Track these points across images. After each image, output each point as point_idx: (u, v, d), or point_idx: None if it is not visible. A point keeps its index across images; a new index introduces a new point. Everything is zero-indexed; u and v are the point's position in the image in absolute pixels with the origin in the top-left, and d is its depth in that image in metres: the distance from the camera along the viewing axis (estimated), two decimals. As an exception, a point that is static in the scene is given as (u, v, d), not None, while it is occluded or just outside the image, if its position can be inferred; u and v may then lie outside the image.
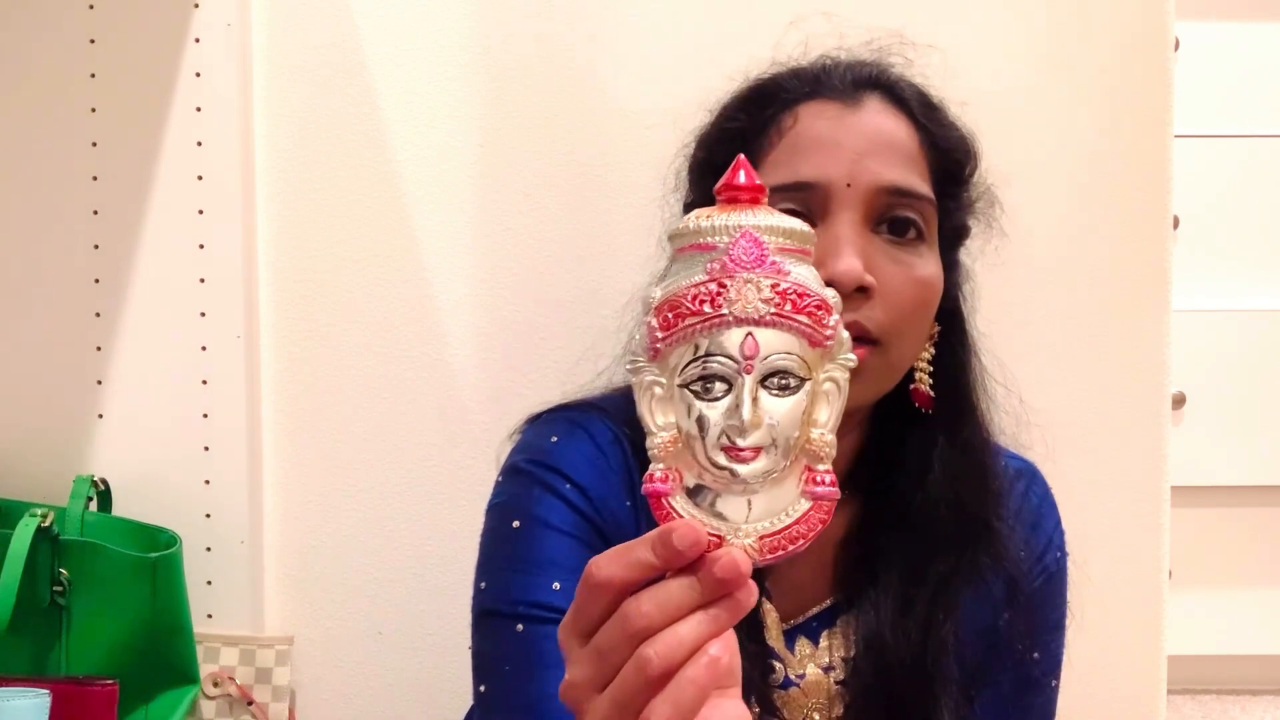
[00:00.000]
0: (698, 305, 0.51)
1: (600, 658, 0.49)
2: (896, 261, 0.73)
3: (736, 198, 0.53)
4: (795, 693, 0.79)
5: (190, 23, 1.12)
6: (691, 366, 0.51)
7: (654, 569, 0.49)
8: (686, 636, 0.48)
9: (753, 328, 0.51)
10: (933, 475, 0.79)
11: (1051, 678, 0.85)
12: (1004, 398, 0.86)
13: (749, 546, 0.51)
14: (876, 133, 0.74)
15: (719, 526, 0.52)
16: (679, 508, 0.52)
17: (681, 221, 0.53)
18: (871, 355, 0.72)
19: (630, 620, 0.48)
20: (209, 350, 1.14)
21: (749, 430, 0.50)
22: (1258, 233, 2.42)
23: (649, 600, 0.48)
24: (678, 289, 0.52)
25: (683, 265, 0.53)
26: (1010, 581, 0.81)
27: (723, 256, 0.51)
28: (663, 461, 0.52)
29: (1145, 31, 1.13)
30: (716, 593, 0.49)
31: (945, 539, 0.78)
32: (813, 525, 0.52)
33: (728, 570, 0.48)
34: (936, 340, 0.80)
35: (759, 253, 0.51)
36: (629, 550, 0.50)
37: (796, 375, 0.51)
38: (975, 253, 0.86)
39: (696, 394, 0.51)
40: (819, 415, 0.52)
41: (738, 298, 0.51)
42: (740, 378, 0.51)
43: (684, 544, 0.48)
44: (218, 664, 1.14)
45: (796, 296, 0.52)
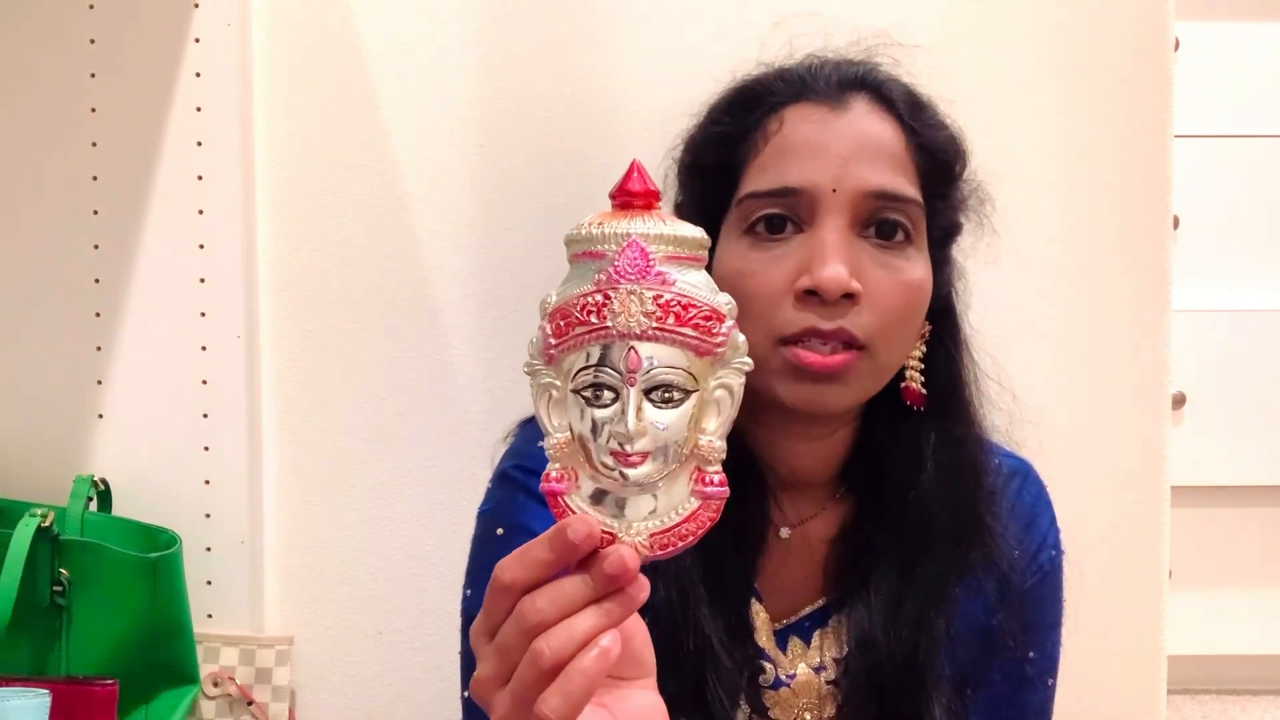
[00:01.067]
0: (584, 315, 0.52)
1: (501, 654, 0.51)
2: (884, 266, 0.73)
3: (630, 203, 0.54)
4: (786, 693, 0.79)
5: (190, 23, 1.12)
6: (583, 374, 0.53)
7: (552, 565, 0.51)
8: (578, 630, 0.50)
9: (635, 341, 0.52)
10: (925, 473, 0.79)
11: (1048, 677, 0.85)
12: (998, 394, 0.85)
13: (639, 543, 0.53)
14: (862, 136, 0.74)
15: (612, 524, 0.54)
16: (574, 505, 0.54)
17: (575, 226, 0.54)
18: (859, 360, 0.72)
19: (526, 616, 0.50)
20: (209, 350, 1.14)
21: (634, 438, 0.52)
22: (1258, 233, 2.42)
23: (544, 597, 0.51)
24: (567, 298, 0.53)
25: (576, 272, 0.54)
26: (1003, 579, 0.81)
27: (609, 267, 0.52)
28: (558, 461, 0.54)
29: (1145, 31, 1.13)
30: (608, 588, 0.51)
31: (937, 536, 0.78)
32: (701, 523, 0.54)
33: (616, 567, 0.51)
34: (928, 338, 0.80)
35: (643, 264, 0.52)
36: (528, 550, 0.52)
37: (680, 388, 0.53)
38: (967, 250, 0.85)
39: (587, 400, 0.53)
40: (707, 423, 0.54)
41: (620, 310, 0.52)
42: (625, 389, 0.52)
43: (577, 537, 0.51)
44: (218, 664, 1.14)
45: (680, 309, 0.52)
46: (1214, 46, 2.35)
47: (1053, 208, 1.14)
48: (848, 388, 0.72)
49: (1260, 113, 2.40)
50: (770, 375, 0.72)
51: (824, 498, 0.82)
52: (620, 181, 0.55)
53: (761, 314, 0.71)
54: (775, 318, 0.71)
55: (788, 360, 0.71)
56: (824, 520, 0.82)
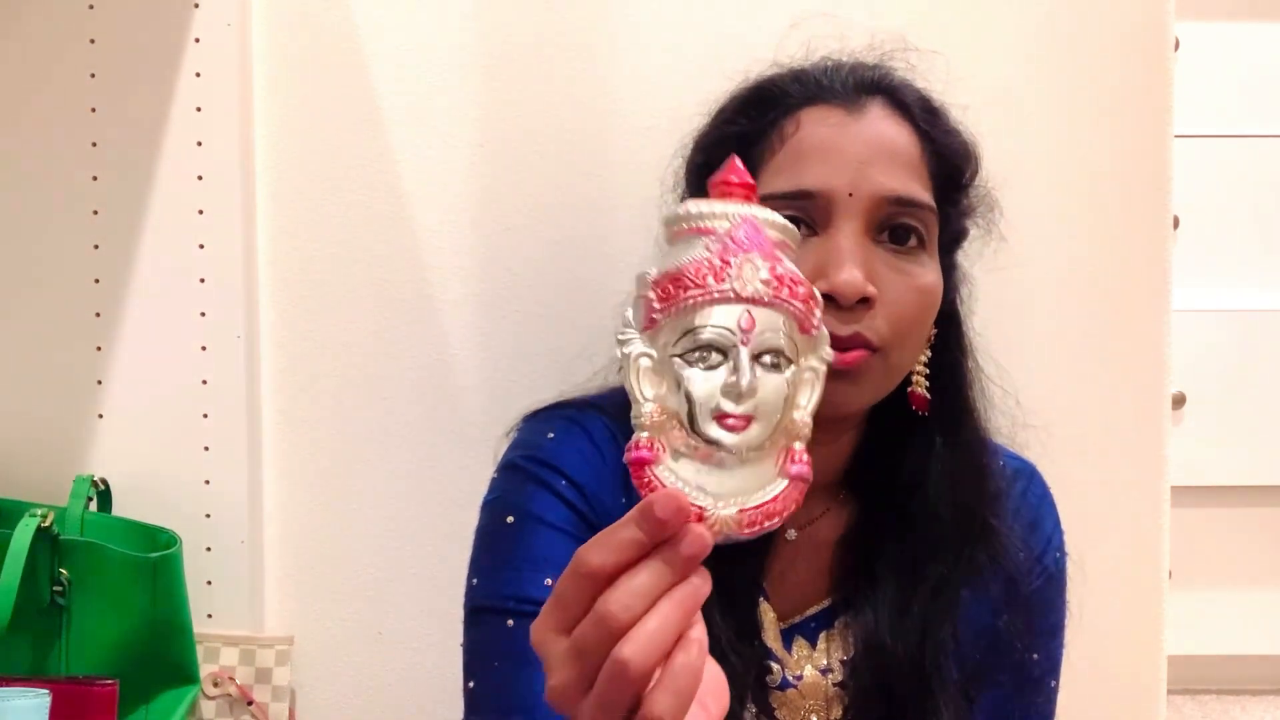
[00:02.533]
0: (700, 278, 0.52)
1: (583, 658, 0.48)
2: (898, 271, 0.73)
3: (731, 192, 0.55)
4: (793, 694, 0.79)
5: (190, 23, 1.12)
6: (686, 338, 0.52)
7: (642, 545, 0.48)
8: (660, 632, 0.47)
9: (751, 306, 0.52)
10: (930, 477, 0.79)
11: (1051, 678, 0.85)
12: (1001, 399, 0.86)
13: (728, 518, 0.52)
14: (879, 140, 0.74)
15: (700, 498, 0.52)
16: (661, 476, 0.52)
17: (680, 207, 0.54)
18: (872, 359, 0.72)
19: (614, 616, 0.47)
20: (209, 350, 1.14)
21: (746, 396, 0.52)
22: (1258, 233, 2.42)
23: (625, 592, 0.48)
24: (680, 264, 0.53)
25: (680, 247, 0.54)
26: (1009, 582, 0.80)
27: (725, 238, 0.53)
28: (648, 430, 0.52)
29: (1145, 31, 1.13)
30: (686, 571, 0.49)
31: (943, 540, 0.78)
32: (788, 504, 0.53)
33: (695, 546, 0.48)
34: (933, 343, 0.80)
35: (759, 237, 0.53)
36: (614, 533, 0.49)
37: (786, 355, 0.53)
38: (974, 256, 0.85)
39: (690, 364, 0.52)
40: (801, 398, 0.55)
41: (739, 275, 0.52)
42: (737, 349, 0.52)
43: (666, 512, 0.48)
44: (218, 664, 1.14)
45: (792, 283, 0.54)
46: (1214, 46, 2.36)
47: (1052, 208, 1.14)
48: (862, 388, 0.72)
49: (1260, 113, 2.40)
50: None
51: (829, 499, 0.82)
52: (721, 172, 0.55)
53: None
54: None
55: None
56: (830, 522, 0.82)
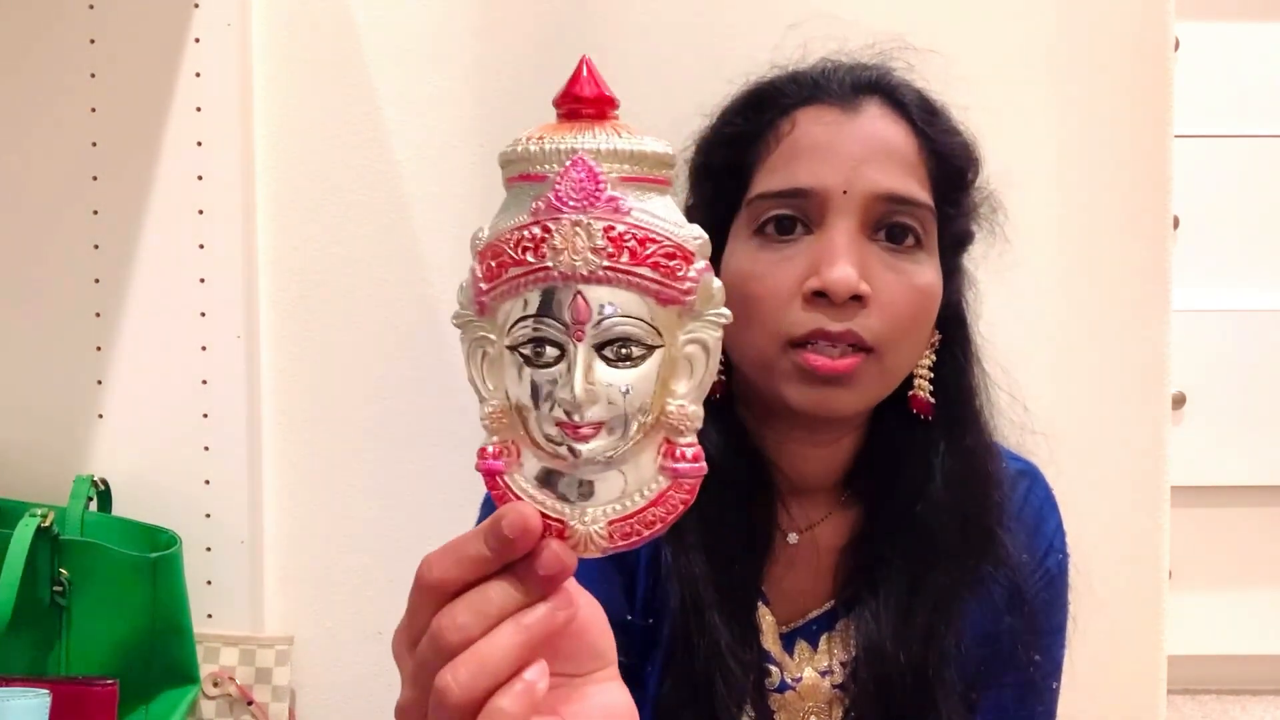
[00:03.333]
0: (520, 253, 0.43)
1: (419, 678, 0.44)
2: (893, 269, 0.72)
3: (577, 111, 0.44)
4: (791, 696, 0.79)
5: (190, 23, 1.12)
6: (520, 326, 0.43)
7: (487, 562, 0.43)
8: (492, 658, 0.42)
9: (583, 285, 0.42)
10: (934, 483, 0.78)
11: (1052, 680, 0.85)
12: (1008, 405, 0.85)
13: (596, 532, 0.44)
14: (875, 139, 0.73)
15: (561, 510, 0.44)
16: (515, 487, 0.45)
17: (512, 142, 0.44)
18: (867, 363, 0.71)
19: (443, 634, 0.42)
20: (209, 350, 1.14)
21: (583, 405, 0.43)
22: (1258, 233, 2.42)
23: (464, 608, 0.42)
24: (501, 231, 0.43)
25: (512, 200, 0.44)
26: (1012, 586, 0.80)
27: (549, 192, 0.42)
28: (495, 434, 0.45)
29: (1145, 31, 1.13)
30: (540, 592, 0.43)
31: (947, 547, 0.78)
32: (672, 506, 0.44)
33: (550, 566, 0.43)
34: (938, 347, 0.80)
35: (592, 187, 0.42)
36: (461, 545, 0.44)
37: (641, 343, 0.43)
38: (979, 259, 0.85)
39: (526, 359, 0.43)
40: (677, 385, 0.44)
41: (564, 245, 0.42)
42: (571, 345, 0.43)
43: (514, 531, 0.42)
44: (218, 664, 1.14)
45: (636, 244, 0.42)
46: (1214, 46, 2.35)
47: (1053, 208, 1.14)
48: (855, 392, 0.72)
49: (1260, 113, 2.40)
50: (778, 378, 0.72)
51: (831, 502, 0.82)
52: (566, 85, 0.44)
53: (770, 315, 0.71)
54: (783, 319, 0.71)
55: (796, 363, 0.71)
56: (831, 525, 0.82)
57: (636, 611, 0.78)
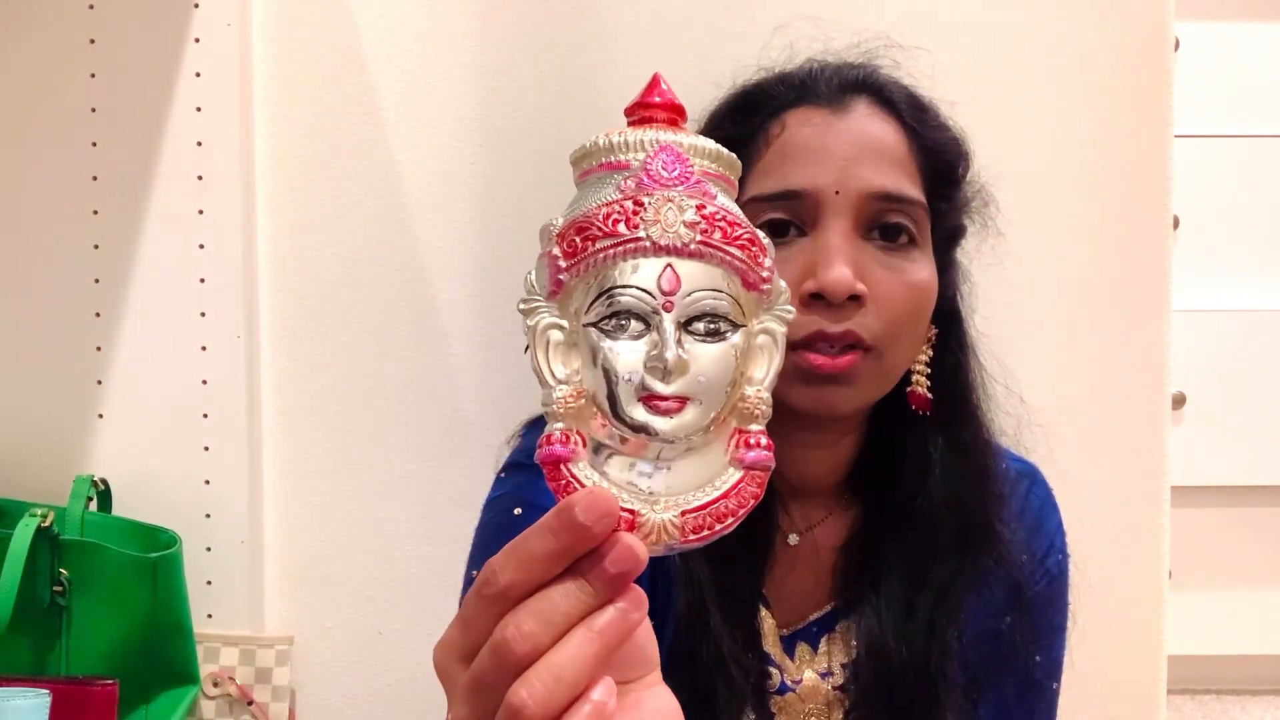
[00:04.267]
0: (610, 225, 0.42)
1: (480, 693, 0.40)
2: (888, 267, 0.72)
3: (651, 117, 0.45)
4: (792, 698, 0.79)
5: (190, 23, 1.12)
6: (600, 301, 0.43)
7: (558, 558, 0.40)
8: (566, 670, 0.39)
9: (673, 258, 0.42)
10: (933, 478, 0.78)
11: (1053, 680, 0.85)
12: (1005, 398, 0.85)
13: (669, 522, 0.42)
14: (864, 138, 0.73)
15: (631, 499, 0.42)
16: (583, 476, 0.42)
17: (588, 139, 0.45)
18: (866, 361, 0.71)
19: (511, 647, 0.39)
20: (209, 350, 1.14)
21: (673, 373, 0.42)
22: (1258, 233, 2.42)
23: (529, 615, 0.39)
24: (586, 209, 0.43)
25: (591, 188, 0.44)
26: (1012, 585, 0.80)
27: (639, 172, 0.43)
28: (562, 420, 0.43)
29: (1145, 31, 1.13)
30: (612, 593, 0.40)
31: (947, 543, 0.78)
32: (744, 500, 0.43)
33: (625, 562, 0.40)
34: (934, 342, 0.80)
35: (682, 169, 0.43)
36: (524, 544, 0.40)
37: (728, 319, 0.43)
38: (972, 253, 0.85)
39: (608, 333, 0.43)
40: (754, 371, 0.44)
41: (656, 219, 0.42)
42: (659, 316, 0.42)
43: (591, 517, 0.39)
44: (218, 664, 1.14)
45: (726, 225, 0.43)
46: (1214, 46, 2.36)
47: (1052, 207, 1.14)
48: (855, 390, 0.72)
49: (1260, 113, 2.40)
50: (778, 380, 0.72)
51: (831, 503, 0.82)
52: (640, 95, 0.45)
53: None
54: None
55: (795, 364, 0.71)
56: (831, 526, 0.82)
57: None
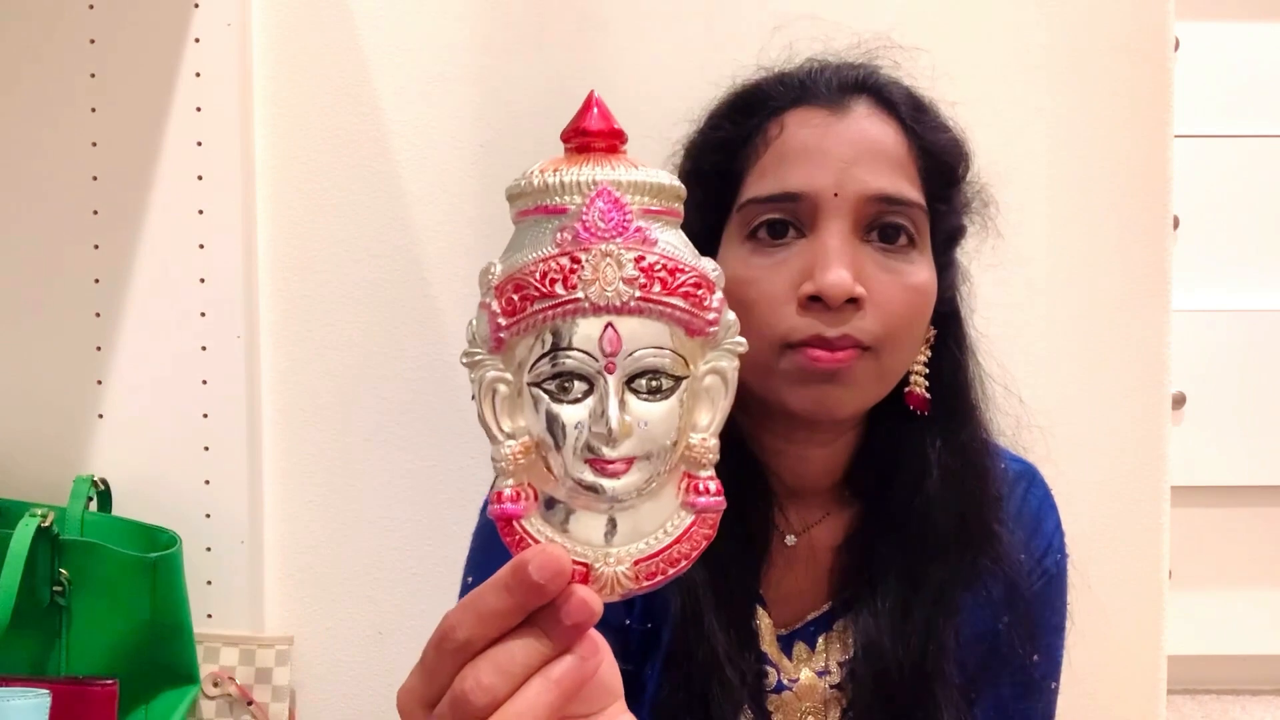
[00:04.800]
0: (548, 285, 0.41)
1: None
2: (887, 270, 0.72)
3: (588, 145, 0.43)
4: (789, 696, 0.79)
5: (190, 23, 1.12)
6: (544, 361, 0.42)
7: (513, 614, 0.41)
8: (521, 717, 0.40)
9: (614, 316, 0.42)
10: (931, 479, 0.78)
11: (1051, 680, 0.85)
12: (1004, 399, 0.85)
13: (623, 574, 0.43)
14: (863, 139, 0.73)
15: (583, 551, 0.43)
16: (534, 531, 0.43)
17: (521, 176, 0.43)
18: (864, 360, 0.71)
19: (469, 699, 0.40)
20: (209, 350, 1.14)
21: (618, 440, 0.42)
22: (1258, 233, 2.42)
23: (488, 668, 0.40)
24: (522, 264, 0.42)
25: (528, 232, 0.43)
26: (1010, 585, 0.80)
27: (575, 223, 0.42)
28: (512, 477, 0.43)
29: (1145, 31, 1.13)
30: (568, 642, 0.41)
31: (945, 543, 0.77)
32: (696, 542, 0.44)
33: (579, 613, 0.41)
34: (933, 343, 0.80)
35: (620, 217, 0.42)
36: (480, 600, 0.41)
37: (670, 374, 0.43)
38: (971, 253, 0.85)
39: (552, 395, 0.42)
40: (699, 418, 0.44)
41: (594, 277, 0.41)
42: (602, 378, 0.42)
43: (544, 574, 0.40)
44: (218, 664, 1.14)
45: (667, 274, 0.42)
46: (1214, 46, 2.35)
47: (1052, 207, 1.14)
48: (853, 391, 0.72)
49: (1260, 113, 2.40)
50: (777, 381, 0.72)
51: (829, 503, 0.82)
52: (575, 119, 0.44)
53: (765, 321, 0.71)
54: (779, 325, 0.70)
55: (794, 364, 0.70)
56: (829, 526, 0.82)
57: (635, 616, 0.78)
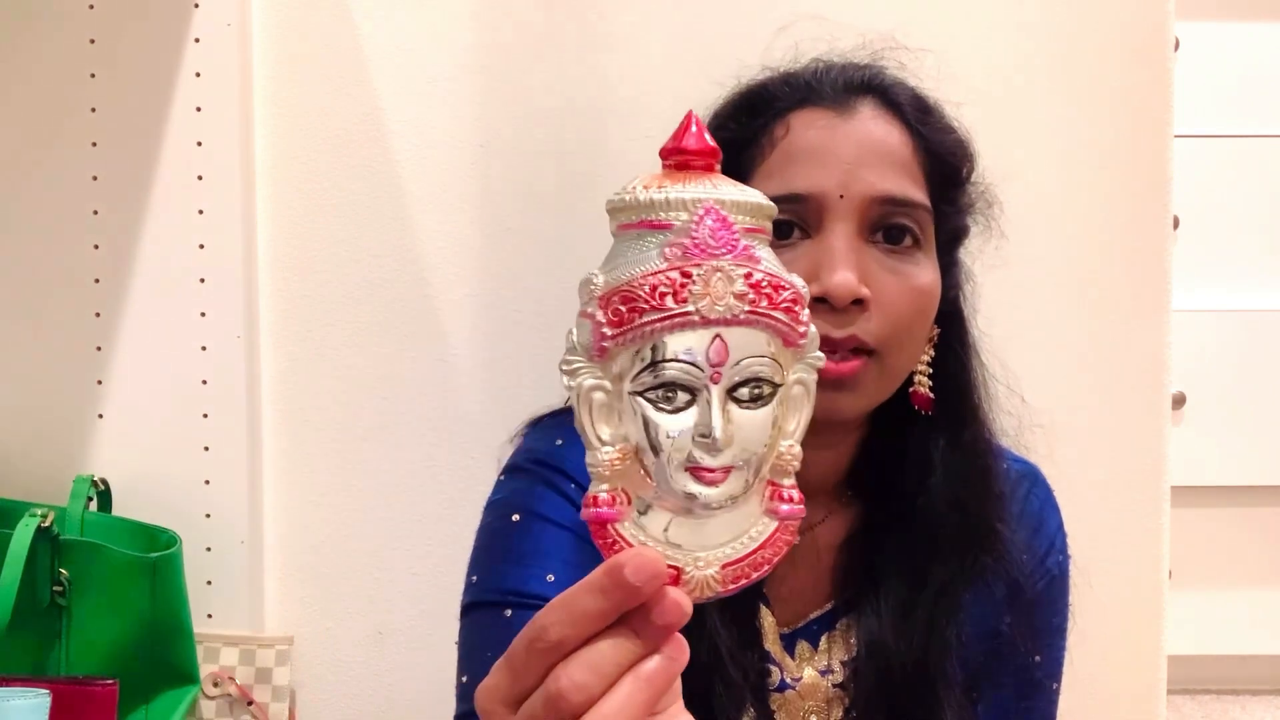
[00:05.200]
0: (658, 299, 0.42)
1: None
2: (893, 271, 0.72)
3: (688, 163, 0.44)
4: (791, 695, 0.79)
5: (190, 23, 1.12)
6: (646, 373, 0.43)
7: (607, 615, 0.42)
8: (617, 716, 0.41)
9: (722, 328, 0.43)
10: (934, 478, 0.78)
11: (1053, 680, 0.85)
12: (1006, 398, 0.85)
13: (711, 577, 0.45)
14: (869, 141, 0.73)
15: (675, 556, 0.44)
16: (629, 535, 0.44)
17: (623, 190, 0.44)
18: (868, 365, 0.71)
19: (567, 697, 0.41)
20: (209, 350, 1.14)
21: (722, 447, 0.43)
22: (1258, 233, 2.42)
23: (581, 667, 0.41)
24: (631, 277, 0.43)
25: (631, 246, 0.44)
26: (1012, 585, 0.80)
27: (684, 239, 0.43)
28: (607, 481, 0.44)
29: (1145, 31, 1.13)
30: (658, 643, 0.42)
31: (948, 542, 0.78)
32: (778, 549, 0.46)
33: (672, 614, 0.42)
34: (936, 342, 0.80)
35: (728, 235, 0.43)
36: (576, 600, 0.42)
37: (770, 382, 0.44)
38: (975, 253, 0.85)
39: (653, 403, 0.43)
40: (788, 424, 0.46)
41: (706, 292, 0.43)
42: (707, 388, 0.43)
43: (640, 577, 0.41)
44: (218, 664, 1.14)
45: (772, 290, 0.44)
46: (1214, 46, 2.35)
47: (1052, 208, 1.14)
48: (858, 395, 0.72)
49: (1260, 113, 2.40)
50: None
51: (832, 503, 0.82)
52: (673, 137, 0.45)
53: None
54: None
55: None
56: (832, 525, 0.82)
57: None
